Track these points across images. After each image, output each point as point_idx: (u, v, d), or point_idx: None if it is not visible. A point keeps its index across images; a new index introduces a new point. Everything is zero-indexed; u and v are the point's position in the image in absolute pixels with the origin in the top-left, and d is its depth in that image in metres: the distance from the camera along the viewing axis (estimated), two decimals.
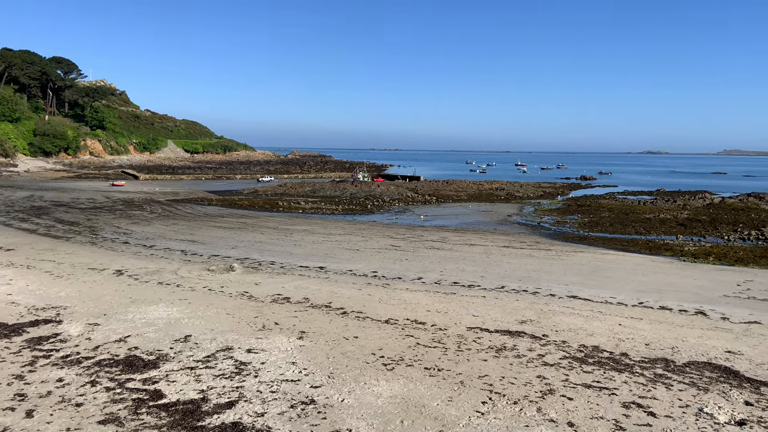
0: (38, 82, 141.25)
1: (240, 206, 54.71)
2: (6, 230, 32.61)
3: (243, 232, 35.23)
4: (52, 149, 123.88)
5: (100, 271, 20.65)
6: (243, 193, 70.37)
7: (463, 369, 11.30)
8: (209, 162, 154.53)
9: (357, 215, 50.06)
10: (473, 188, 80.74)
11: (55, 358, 11.43)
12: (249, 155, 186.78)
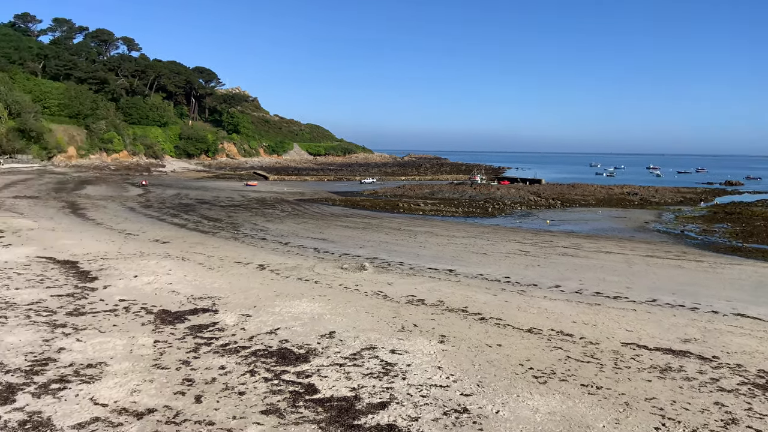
0: (183, 90, 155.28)
1: (362, 207, 56.04)
2: (161, 224, 35.91)
3: (368, 232, 35.90)
4: (194, 151, 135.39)
5: (245, 265, 21.90)
6: (364, 194, 72.09)
7: (625, 389, 10.38)
8: (330, 164, 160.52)
9: (478, 218, 49.19)
10: (602, 192, 76.21)
11: (215, 346, 12.13)
12: (367, 157, 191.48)
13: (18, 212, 37.79)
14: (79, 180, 75.58)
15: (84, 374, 10.19)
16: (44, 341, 11.97)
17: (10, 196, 48.97)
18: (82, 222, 35.20)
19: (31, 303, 14.89)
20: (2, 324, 13.00)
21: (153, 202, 52.53)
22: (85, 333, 12.60)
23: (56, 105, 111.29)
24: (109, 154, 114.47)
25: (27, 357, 10.99)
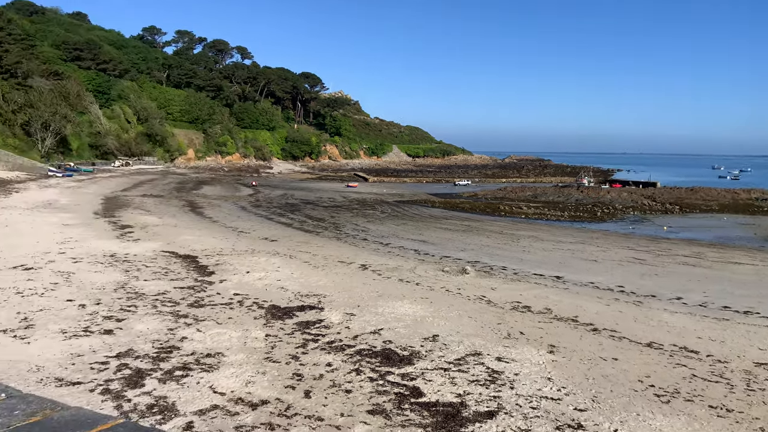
0: (290, 95, 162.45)
1: (462, 209, 55.42)
2: (269, 223, 37.69)
3: (469, 235, 35.38)
4: (299, 154, 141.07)
5: (348, 265, 22.35)
6: (463, 197, 71.32)
7: (760, 413, 9.34)
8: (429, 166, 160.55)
9: (585, 223, 46.89)
10: (726, 197, 69.89)
11: (322, 343, 12.41)
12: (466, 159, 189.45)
13: (145, 210, 41.28)
14: (197, 180, 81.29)
15: (204, 363, 10.82)
16: (169, 330, 12.87)
17: (138, 195, 53.67)
18: (200, 219, 37.76)
19: (157, 294, 16.11)
20: (133, 312, 14.17)
21: (262, 202, 55.29)
22: (205, 324, 13.41)
23: (178, 111, 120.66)
24: (223, 156, 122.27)
25: (154, 344, 11.87)
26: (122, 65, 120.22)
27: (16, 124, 77.28)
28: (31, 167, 69.46)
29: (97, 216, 35.70)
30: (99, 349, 11.34)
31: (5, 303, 14.56)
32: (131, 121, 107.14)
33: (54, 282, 17.01)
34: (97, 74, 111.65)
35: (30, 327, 12.70)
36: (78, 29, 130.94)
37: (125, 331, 12.59)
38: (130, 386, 9.54)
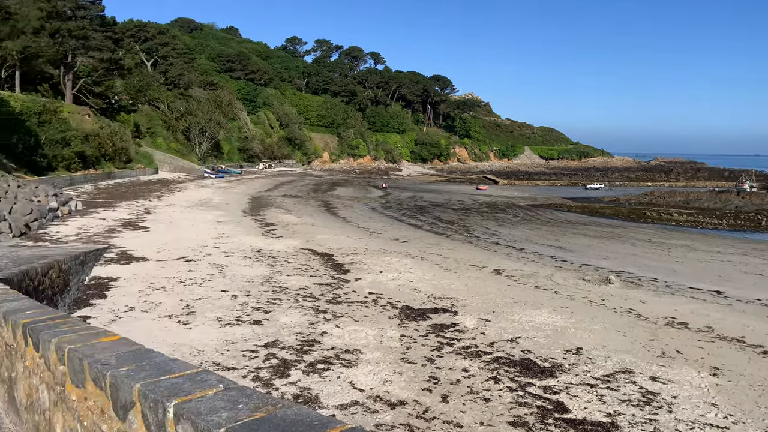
0: (420, 98, 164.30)
1: (602, 214, 52.15)
2: (399, 225, 38.28)
3: (611, 242, 33.12)
4: (428, 156, 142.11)
5: (480, 269, 21.91)
6: (603, 201, 67.12)
7: None
8: (564, 168, 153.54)
9: (748, 232, 41.84)
10: None
11: (457, 348, 12.21)
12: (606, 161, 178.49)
13: (285, 209, 43.96)
14: (331, 182, 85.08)
15: (343, 359, 11.12)
16: (310, 324, 13.44)
17: (279, 195, 57.37)
18: (335, 219, 39.39)
19: (299, 289, 16.94)
20: (278, 305, 15.01)
21: (392, 204, 56.40)
22: (342, 320, 13.82)
23: (315, 116, 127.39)
24: (355, 159, 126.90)
25: (297, 337, 12.45)
26: (267, 75, 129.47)
27: (178, 129, 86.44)
28: (189, 169, 77.20)
29: (245, 214, 38.62)
30: (249, 338, 12.13)
31: (171, 291, 16.17)
32: (274, 127, 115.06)
33: (210, 273, 18.59)
34: (246, 83, 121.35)
35: (191, 314, 13.95)
36: (230, 42, 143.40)
37: (271, 323, 13.36)
38: (277, 375, 10.06)
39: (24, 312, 3.55)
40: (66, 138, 50.78)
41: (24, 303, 3.94)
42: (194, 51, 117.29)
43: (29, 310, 3.62)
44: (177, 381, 2.12)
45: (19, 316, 3.46)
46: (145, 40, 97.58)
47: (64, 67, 64.82)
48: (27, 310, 3.62)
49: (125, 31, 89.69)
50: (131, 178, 61.95)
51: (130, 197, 44.28)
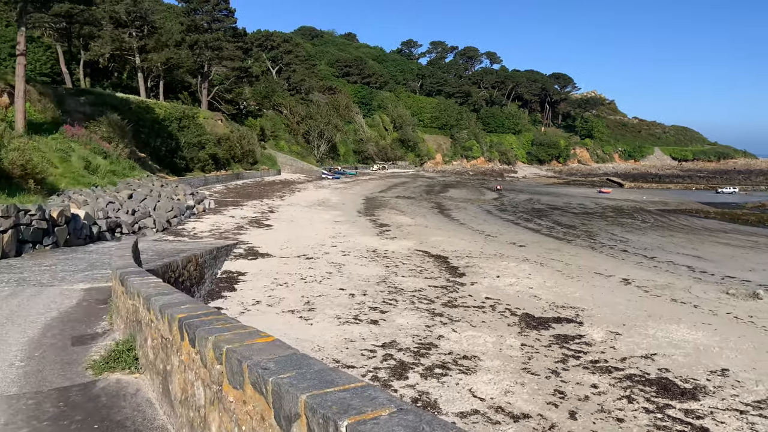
0: (537, 98, 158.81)
1: (745, 221, 47.00)
2: (516, 228, 37.08)
3: (757, 253, 29.67)
4: (545, 157, 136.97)
5: (607, 277, 20.53)
6: (746, 207, 60.54)
7: None
8: (699, 170, 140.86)
9: None
10: None
11: (584, 361, 11.44)
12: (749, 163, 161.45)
13: (399, 210, 44.36)
14: (444, 184, 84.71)
15: (461, 365, 10.83)
16: (426, 327, 13.30)
17: (392, 197, 58.09)
18: (448, 221, 39.04)
19: (414, 290, 16.89)
20: (394, 306, 15.04)
21: (507, 206, 54.90)
22: (459, 325, 13.52)
23: (428, 118, 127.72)
24: (468, 160, 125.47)
25: (414, 339, 12.35)
26: (382, 78, 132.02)
27: (299, 133, 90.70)
28: (308, 170, 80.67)
29: (360, 214, 39.50)
30: (367, 337, 12.23)
31: (293, 287, 16.83)
32: (388, 129, 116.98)
33: (329, 272, 19.12)
34: (362, 87, 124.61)
35: (312, 310, 14.39)
36: (348, 48, 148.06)
37: (388, 323, 13.39)
38: (395, 377, 10.00)
39: (179, 306, 3.70)
40: (201, 141, 55.13)
41: (177, 297, 4.13)
42: (315, 57, 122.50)
43: (183, 304, 3.76)
44: (344, 395, 2.00)
45: (175, 311, 3.60)
46: (271, 49, 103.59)
47: (200, 76, 70.53)
48: (181, 304, 3.77)
49: (254, 41, 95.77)
50: (256, 179, 65.92)
51: (256, 197, 47.08)
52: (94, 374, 5.62)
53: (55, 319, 8.17)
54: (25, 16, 31.68)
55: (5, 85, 33.34)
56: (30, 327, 7.67)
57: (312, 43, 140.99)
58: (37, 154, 25.95)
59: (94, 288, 10.81)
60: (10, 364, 6.00)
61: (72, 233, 18.01)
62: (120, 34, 56.33)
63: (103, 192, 28.41)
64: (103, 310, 8.76)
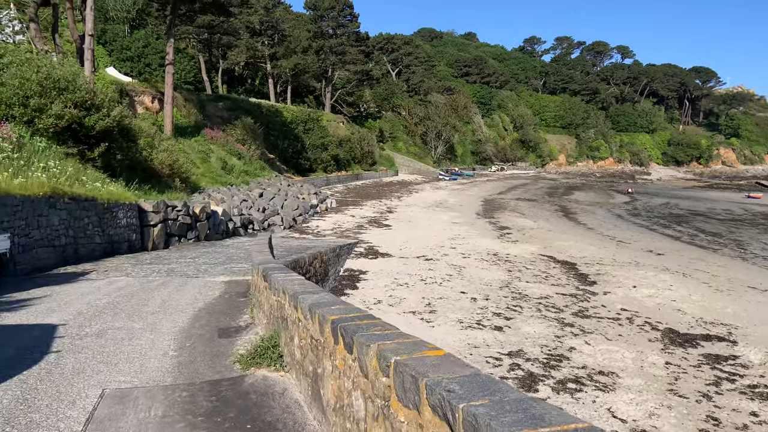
0: (675, 94, 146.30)
1: None
2: (651, 234, 34.23)
3: None
4: (684, 158, 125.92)
5: (762, 292, 18.15)
6: None
7: None
8: None
9: None
10: None
11: (740, 385, 10.08)
12: None
13: (519, 212, 42.86)
14: (567, 186, 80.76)
15: (597, 381, 9.98)
16: (556, 337, 12.49)
17: (512, 198, 56.35)
18: (574, 225, 36.99)
19: (540, 297, 16.02)
20: (519, 313, 14.34)
21: (640, 211, 51.02)
22: (592, 337, 12.55)
23: (552, 117, 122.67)
24: (594, 161, 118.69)
25: (542, 349, 11.63)
26: (503, 77, 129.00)
27: (416, 134, 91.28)
28: (425, 171, 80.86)
29: (479, 216, 38.68)
30: (492, 344, 11.72)
31: (413, 288, 16.70)
32: (507, 129, 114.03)
33: (449, 274, 18.78)
34: (481, 87, 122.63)
35: (432, 312, 14.13)
36: (468, 48, 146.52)
37: (513, 331, 12.76)
38: (524, 388, 9.42)
39: (329, 307, 3.54)
40: (324, 143, 57.30)
41: (325, 296, 4.01)
42: (434, 58, 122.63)
43: (333, 305, 3.61)
44: None
45: (326, 311, 3.46)
46: (391, 51, 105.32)
47: (324, 80, 73.43)
48: (331, 304, 3.63)
49: (375, 45, 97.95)
50: (375, 180, 67.25)
51: (375, 197, 47.93)
52: (241, 369, 5.70)
53: (201, 310, 8.61)
54: (173, 29, 34.74)
55: (156, 92, 36.86)
56: (180, 317, 8.13)
57: (431, 44, 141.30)
58: (182, 155, 28.32)
59: (233, 281, 11.38)
60: (164, 353, 6.29)
61: (211, 228, 19.31)
62: (254, 42, 60.15)
63: (237, 190, 30.37)
64: (244, 303, 9.13)
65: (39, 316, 7.90)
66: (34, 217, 12.18)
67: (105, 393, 5.00)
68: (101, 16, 44.95)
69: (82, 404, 4.73)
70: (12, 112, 15.24)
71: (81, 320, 7.72)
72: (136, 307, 8.73)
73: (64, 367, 5.66)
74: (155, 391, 5.10)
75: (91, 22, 24.62)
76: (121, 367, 5.76)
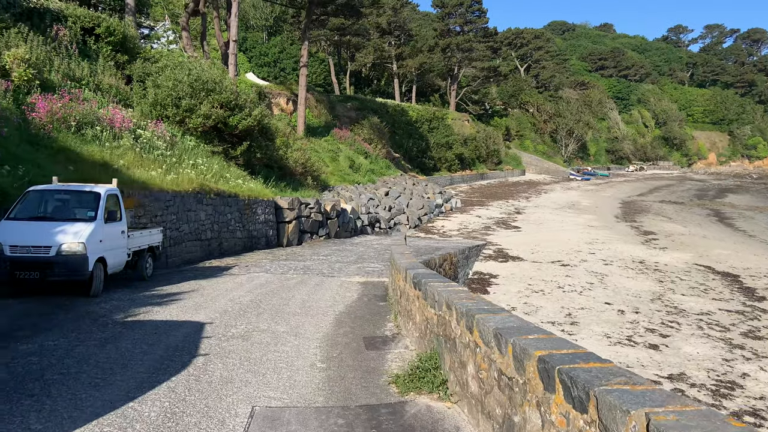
0: None
1: None
2: None
3: None
4: None
5: None
6: None
7: None
8: None
9: None
10: None
11: None
12: None
13: (665, 216, 39.07)
14: (719, 188, 72.77)
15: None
16: (724, 360, 10.80)
17: (655, 201, 51.71)
18: (732, 232, 32.91)
19: (699, 313, 14.12)
20: (676, 330, 12.68)
21: None
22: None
23: (700, 112, 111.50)
24: (751, 161, 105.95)
25: (709, 374, 10.07)
26: (643, 69, 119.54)
27: (545, 132, 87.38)
28: (554, 171, 77.11)
29: (618, 220, 35.83)
30: (647, 365, 10.37)
31: (550, 296, 15.52)
32: (648, 125, 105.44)
33: (589, 282, 17.27)
34: (618, 81, 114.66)
35: (574, 324, 12.93)
36: (603, 40, 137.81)
37: (672, 350, 11.24)
38: None
39: (525, 336, 2.78)
40: (449, 142, 56.62)
41: (510, 319, 3.15)
42: (566, 52, 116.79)
43: (527, 332, 2.79)
44: None
45: (524, 343, 2.74)
46: (520, 47, 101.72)
47: (450, 78, 72.70)
48: (523, 331, 2.80)
49: (503, 40, 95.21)
50: (500, 179, 65.31)
51: (501, 197, 46.37)
52: (399, 392, 5.08)
53: (342, 314, 8.35)
54: (308, 32, 36.02)
55: (290, 94, 38.51)
56: (322, 320, 7.90)
57: (562, 38, 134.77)
58: (314, 154, 29.19)
59: (369, 282, 11.15)
60: (312, 365, 5.95)
61: (340, 226, 19.52)
62: (381, 43, 61.03)
63: (364, 189, 30.72)
64: (385, 309, 8.77)
65: (187, 313, 8.10)
66: (184, 212, 12.90)
67: (255, 412, 4.62)
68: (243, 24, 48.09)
69: (231, 424, 4.39)
70: (166, 112, 16.43)
71: (227, 319, 7.79)
72: (277, 306, 8.71)
73: (212, 375, 5.50)
74: (307, 414, 4.63)
75: (234, 28, 26.14)
76: (269, 378, 5.47)
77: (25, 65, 11.73)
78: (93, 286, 8.71)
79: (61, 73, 13.76)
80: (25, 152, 9.53)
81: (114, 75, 16.65)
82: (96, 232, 8.64)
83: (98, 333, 6.89)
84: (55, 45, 14.80)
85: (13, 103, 10.64)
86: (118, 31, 17.82)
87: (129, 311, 8.06)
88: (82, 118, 12.06)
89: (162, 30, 38.13)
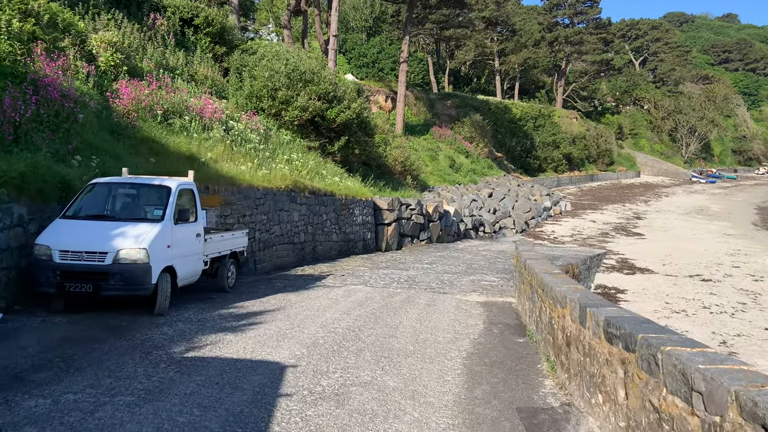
0: None
1: None
2: None
3: None
4: None
5: None
6: None
7: None
8: None
9: None
10: None
11: None
12: None
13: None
14: None
15: None
16: None
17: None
18: None
19: None
20: None
21: None
22: None
23: None
24: None
25: None
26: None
27: (663, 130, 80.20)
28: (674, 172, 70.51)
29: (757, 227, 31.38)
30: None
31: (695, 318, 12.98)
32: None
33: (740, 302, 14.43)
34: (745, 75, 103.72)
35: (732, 354, 10.46)
36: (727, 31, 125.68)
37: None
38: None
39: None
40: (556, 141, 53.08)
41: None
42: (686, 44, 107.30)
43: None
44: None
45: None
46: (635, 38, 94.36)
47: (556, 73, 68.62)
48: None
49: (616, 32, 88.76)
50: (612, 181, 60.58)
51: (615, 200, 42.52)
52: None
53: (473, 357, 6.42)
54: (408, 27, 34.72)
55: (389, 92, 37.43)
56: (445, 367, 6.00)
57: (680, 29, 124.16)
58: (413, 153, 27.77)
59: (491, 303, 9.39)
60: None
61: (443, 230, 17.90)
62: (482, 39, 58.59)
63: (465, 190, 28.86)
64: (526, 349, 6.81)
65: (266, 346, 6.32)
66: (276, 212, 11.87)
67: None
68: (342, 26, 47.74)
69: None
70: (261, 104, 15.70)
71: (316, 359, 6.00)
72: (382, 339, 6.92)
73: None
74: None
75: (335, 23, 25.41)
76: None
77: (112, 49, 11.23)
78: (157, 303, 7.11)
79: (154, 62, 13.30)
80: (103, 142, 8.75)
81: (211, 67, 16.18)
82: (163, 236, 7.07)
83: (142, 379, 5.16)
84: (151, 34, 14.46)
85: (95, 89, 10.04)
86: (216, 22, 17.37)
87: (194, 340, 6.43)
88: (171, 107, 11.37)
89: (266, 33, 38.54)
